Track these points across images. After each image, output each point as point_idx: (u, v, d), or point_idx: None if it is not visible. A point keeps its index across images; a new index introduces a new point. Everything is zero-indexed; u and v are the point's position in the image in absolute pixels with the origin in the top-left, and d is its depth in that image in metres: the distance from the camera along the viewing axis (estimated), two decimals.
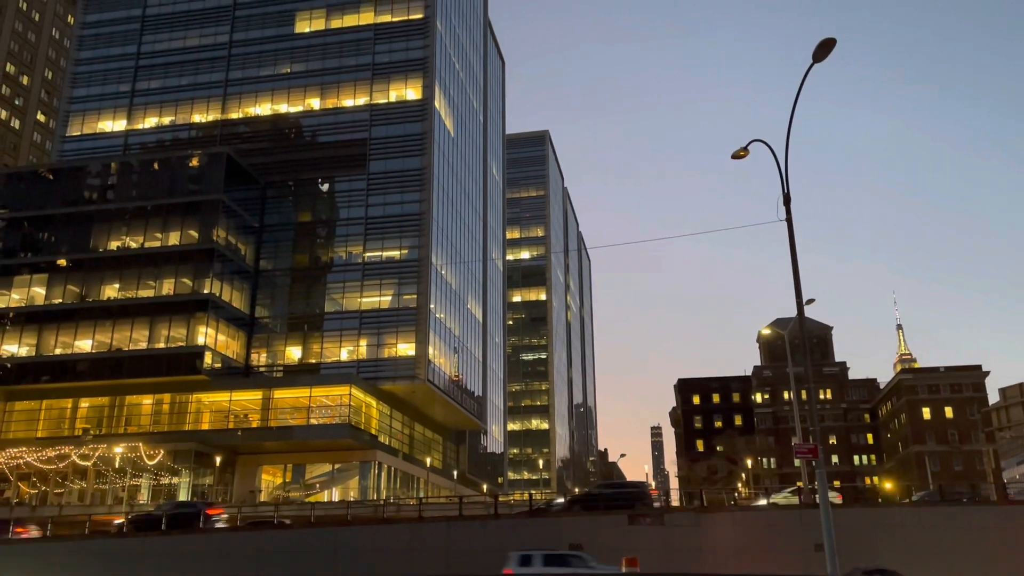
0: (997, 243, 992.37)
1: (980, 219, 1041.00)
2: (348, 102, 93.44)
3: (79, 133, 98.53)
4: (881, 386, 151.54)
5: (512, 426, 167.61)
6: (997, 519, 42.06)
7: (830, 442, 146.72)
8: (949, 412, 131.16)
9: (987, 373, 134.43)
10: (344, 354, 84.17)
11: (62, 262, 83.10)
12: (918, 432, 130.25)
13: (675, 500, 69.57)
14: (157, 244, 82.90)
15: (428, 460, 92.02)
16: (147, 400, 79.40)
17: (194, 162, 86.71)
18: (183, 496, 72.82)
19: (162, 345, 78.25)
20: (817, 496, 25.75)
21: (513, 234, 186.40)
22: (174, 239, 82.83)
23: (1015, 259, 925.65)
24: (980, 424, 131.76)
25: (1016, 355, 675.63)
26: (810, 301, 49.61)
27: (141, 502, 71.79)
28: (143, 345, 78.62)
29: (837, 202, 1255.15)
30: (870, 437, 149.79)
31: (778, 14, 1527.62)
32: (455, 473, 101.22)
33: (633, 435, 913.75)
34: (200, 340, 77.29)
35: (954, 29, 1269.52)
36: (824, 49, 23.44)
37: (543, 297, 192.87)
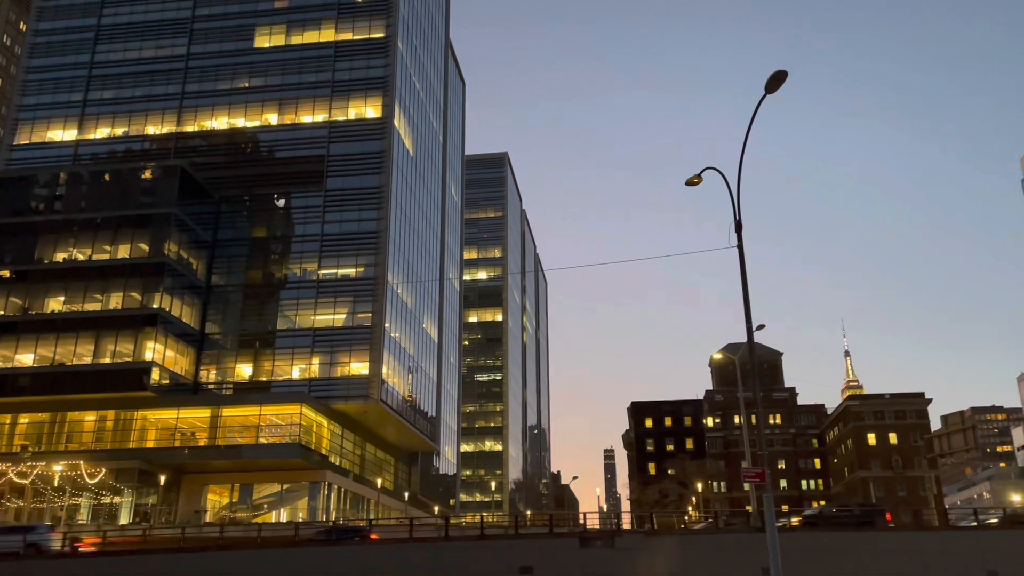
0: (941, 273, 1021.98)
1: (926, 249, 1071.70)
2: (307, 118, 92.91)
3: (28, 142, 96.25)
4: (829, 412, 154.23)
5: (465, 447, 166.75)
6: (940, 544, 43.03)
7: (779, 467, 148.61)
8: (893, 438, 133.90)
9: (930, 400, 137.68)
10: (296, 372, 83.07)
11: (5, 273, 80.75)
12: (863, 458, 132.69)
13: (626, 523, 69.81)
14: (106, 257, 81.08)
15: (379, 481, 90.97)
16: (90, 417, 77.14)
17: (147, 174, 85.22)
18: (124, 517, 70.89)
19: (108, 360, 76.29)
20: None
21: (471, 254, 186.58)
22: (124, 252, 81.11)
23: (957, 288, 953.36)
24: (923, 450, 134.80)
25: (957, 382, 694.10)
26: (760, 327, 50.54)
27: (80, 522, 69.66)
28: (88, 360, 76.59)
29: (790, 229, 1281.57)
30: (817, 462, 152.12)
31: (741, 38, 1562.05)
32: (406, 494, 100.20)
33: (586, 457, 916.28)
34: (148, 356, 75.60)
35: (910, 62, 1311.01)
36: (776, 81, 24.01)
37: (499, 318, 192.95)
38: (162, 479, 72.11)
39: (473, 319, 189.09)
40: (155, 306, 77.35)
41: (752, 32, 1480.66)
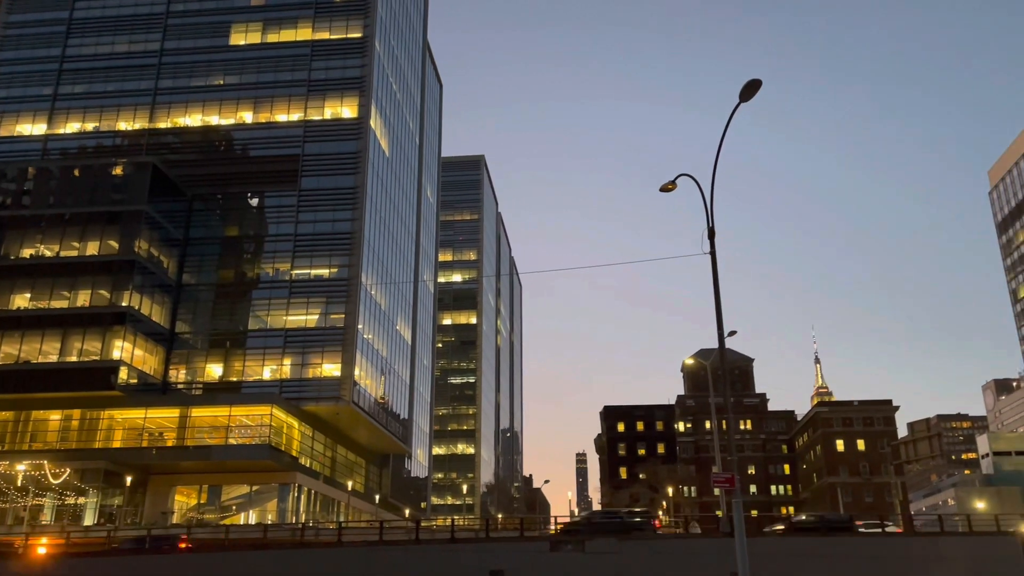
0: (910, 282, 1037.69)
1: (896, 258, 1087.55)
2: (282, 117, 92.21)
3: None
4: (798, 418, 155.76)
5: (437, 450, 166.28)
6: (903, 549, 43.62)
7: (749, 472, 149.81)
8: (861, 445, 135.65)
9: (897, 408, 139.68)
10: (267, 373, 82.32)
11: None
12: (832, 464, 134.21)
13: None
14: (74, 253, 79.81)
15: (350, 483, 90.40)
16: (55, 416, 75.88)
17: (118, 170, 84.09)
18: (89, 519, 69.76)
19: (74, 358, 75.06)
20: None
21: (446, 257, 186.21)
22: (93, 249, 79.86)
23: (925, 298, 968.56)
24: (889, 457, 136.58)
25: (923, 390, 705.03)
26: (732, 333, 50.87)
27: (44, 522, 68.46)
28: (54, 358, 75.31)
29: (762, 235, 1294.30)
30: (787, 468, 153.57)
31: (719, 44, 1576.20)
32: (377, 497, 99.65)
33: (558, 461, 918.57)
34: (116, 354, 74.47)
35: (883, 74, 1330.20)
36: (750, 89, 24.25)
37: (473, 321, 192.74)
38: (128, 480, 71.08)
39: (447, 321, 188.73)
40: (124, 304, 76.27)
41: (731, 39, 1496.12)
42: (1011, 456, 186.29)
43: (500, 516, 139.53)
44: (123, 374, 74.17)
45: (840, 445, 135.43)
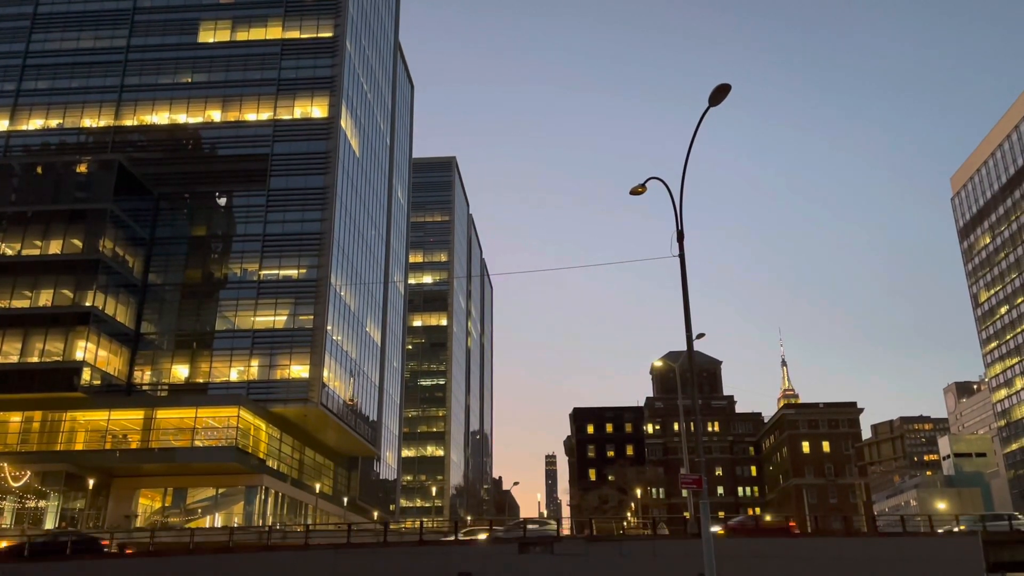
0: (874, 287, 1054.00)
1: (861, 263, 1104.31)
2: (251, 116, 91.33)
3: None
4: (765, 420, 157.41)
5: (407, 452, 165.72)
6: (867, 550, 44.30)
7: (716, 473, 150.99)
8: (826, 446, 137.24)
9: (861, 410, 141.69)
10: (234, 374, 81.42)
11: None
12: (797, 465, 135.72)
13: (566, 529, 70.25)
14: (37, 252, 78.31)
15: (318, 486, 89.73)
16: (15, 417, 74.32)
17: (82, 168, 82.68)
18: (50, 522, 68.48)
19: (36, 359, 73.63)
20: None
21: (416, 258, 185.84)
22: (56, 248, 78.44)
23: (889, 302, 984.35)
24: (854, 458, 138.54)
25: (887, 392, 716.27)
26: (700, 336, 51.39)
27: (3, 526, 67.11)
28: (15, 359, 73.77)
29: (730, 239, 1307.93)
30: (754, 469, 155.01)
31: (687, 45, 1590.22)
32: (345, 500, 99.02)
33: (528, 463, 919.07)
34: (79, 355, 73.20)
35: (853, 86, 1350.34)
36: (720, 93, 24.51)
37: (444, 322, 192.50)
38: (91, 483, 69.86)
39: (417, 323, 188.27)
40: (88, 304, 75.00)
41: (702, 41, 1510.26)
42: (971, 458, 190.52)
43: (469, 518, 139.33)
44: (86, 375, 72.96)
45: (806, 447, 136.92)
